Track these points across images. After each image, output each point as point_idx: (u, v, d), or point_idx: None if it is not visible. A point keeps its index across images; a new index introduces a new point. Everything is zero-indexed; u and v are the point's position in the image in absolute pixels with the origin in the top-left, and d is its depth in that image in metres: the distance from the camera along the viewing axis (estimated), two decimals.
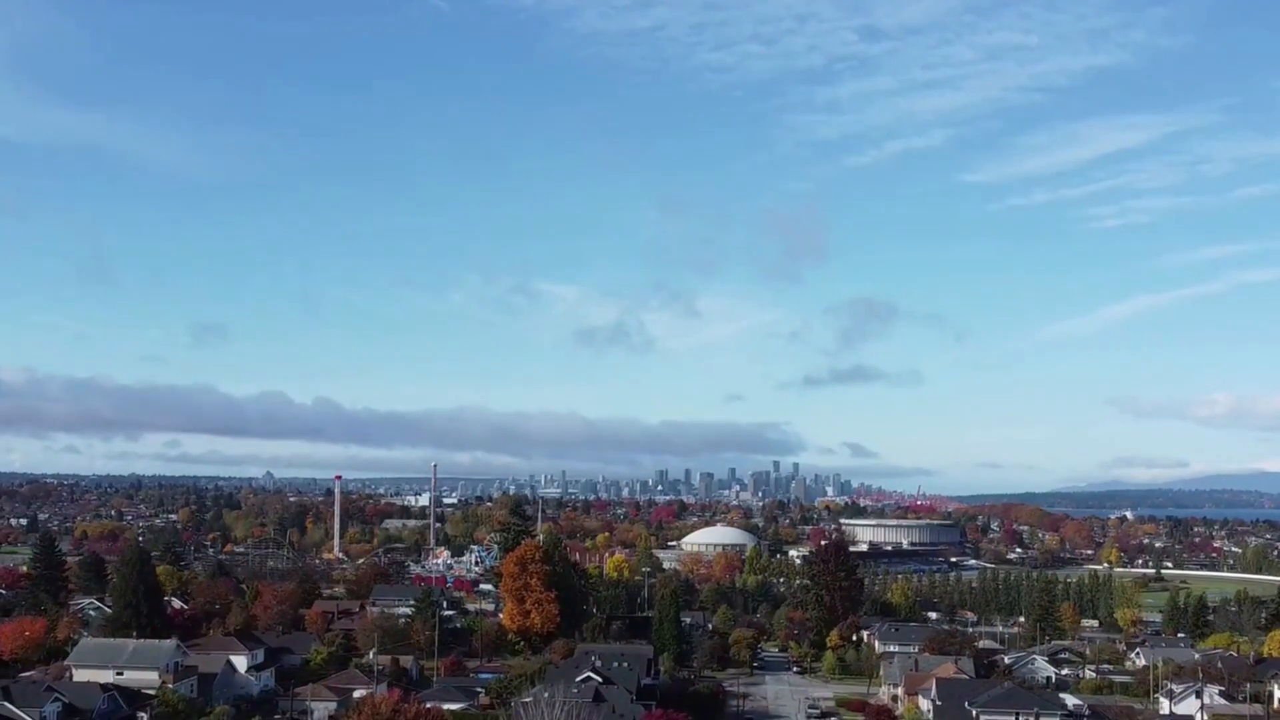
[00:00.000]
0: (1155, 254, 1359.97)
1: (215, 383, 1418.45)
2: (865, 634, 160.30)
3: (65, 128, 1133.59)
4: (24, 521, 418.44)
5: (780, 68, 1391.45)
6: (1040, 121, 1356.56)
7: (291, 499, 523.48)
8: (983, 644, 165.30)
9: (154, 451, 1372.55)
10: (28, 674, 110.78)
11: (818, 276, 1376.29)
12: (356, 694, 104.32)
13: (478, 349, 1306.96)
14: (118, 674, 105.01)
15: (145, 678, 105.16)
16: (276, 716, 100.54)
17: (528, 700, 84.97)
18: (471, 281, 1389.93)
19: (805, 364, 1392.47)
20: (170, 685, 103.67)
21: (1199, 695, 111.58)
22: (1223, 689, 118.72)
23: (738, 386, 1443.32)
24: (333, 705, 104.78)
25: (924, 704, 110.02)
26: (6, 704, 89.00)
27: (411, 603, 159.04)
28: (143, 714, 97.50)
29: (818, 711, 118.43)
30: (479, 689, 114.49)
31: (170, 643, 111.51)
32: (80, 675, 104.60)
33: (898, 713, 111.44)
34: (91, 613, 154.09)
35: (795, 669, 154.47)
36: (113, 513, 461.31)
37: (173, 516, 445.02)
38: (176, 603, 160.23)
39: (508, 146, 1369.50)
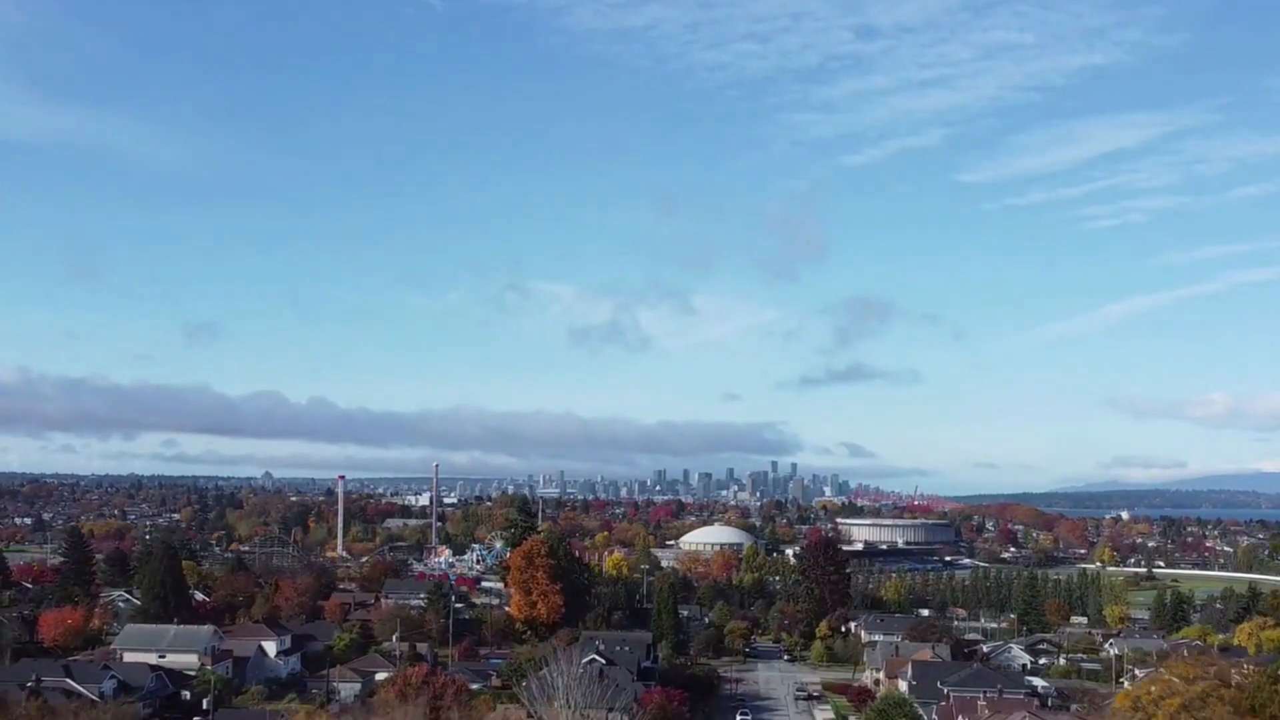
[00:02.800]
0: (1152, 254, 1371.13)
1: (209, 382, 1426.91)
2: (853, 625, 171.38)
3: (55, 125, 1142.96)
4: (28, 521, 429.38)
5: (775, 66, 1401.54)
6: (1036, 121, 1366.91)
7: (292, 499, 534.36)
8: (969, 636, 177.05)
9: (151, 451, 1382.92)
10: (74, 657, 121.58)
11: (814, 276, 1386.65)
12: (379, 676, 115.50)
13: (472, 348, 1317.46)
14: (160, 656, 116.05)
15: (185, 660, 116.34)
16: (315, 691, 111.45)
17: (539, 676, 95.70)
18: (465, 280, 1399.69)
19: (802, 363, 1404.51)
20: (209, 667, 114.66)
21: None
22: None
23: (734, 386, 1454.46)
24: (357, 685, 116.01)
25: (902, 685, 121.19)
26: (69, 680, 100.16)
27: (422, 596, 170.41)
28: (185, 691, 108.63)
29: (805, 694, 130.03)
30: (491, 672, 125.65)
31: (208, 628, 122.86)
32: (127, 657, 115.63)
33: (878, 693, 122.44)
34: (120, 604, 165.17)
35: (786, 657, 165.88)
36: (115, 512, 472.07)
37: (175, 516, 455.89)
38: (199, 595, 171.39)
39: (501, 144, 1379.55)
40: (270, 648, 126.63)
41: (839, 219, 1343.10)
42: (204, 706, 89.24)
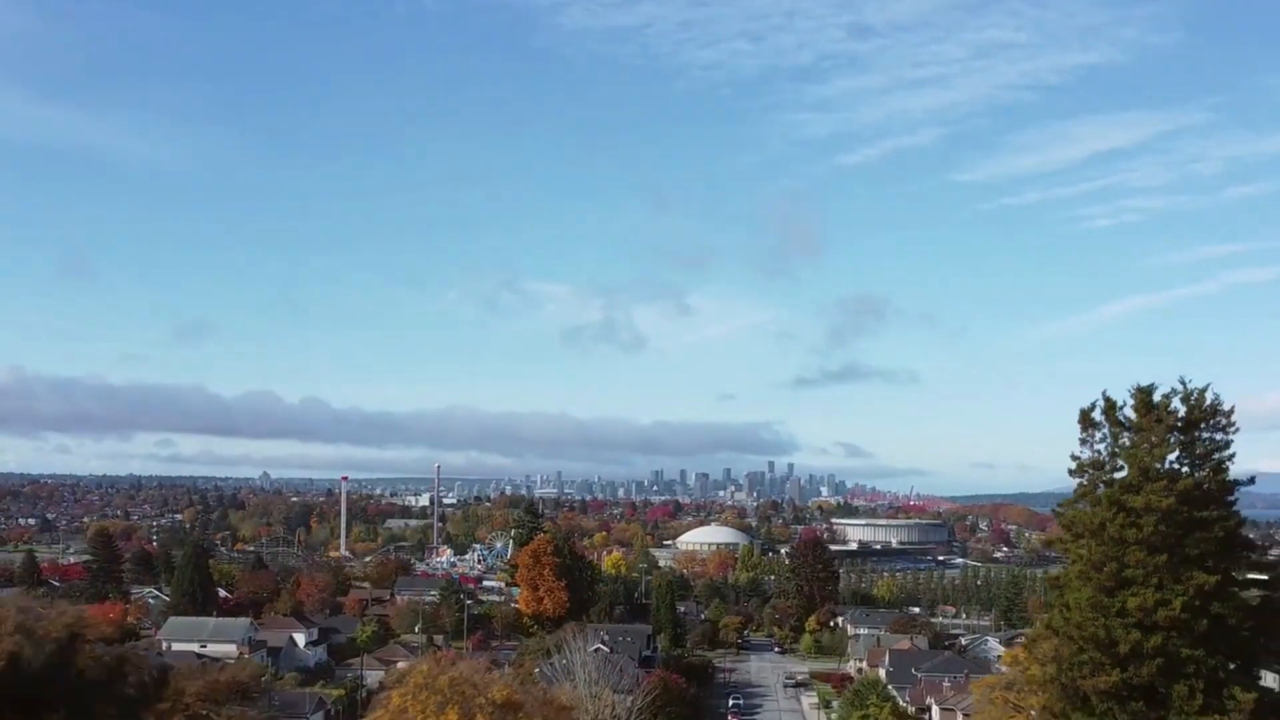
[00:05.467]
0: (1148, 254, 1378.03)
1: (202, 382, 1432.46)
2: (840, 619, 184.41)
3: (46, 123, 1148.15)
4: (32, 521, 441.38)
5: (769, 65, 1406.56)
6: (1031, 120, 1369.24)
7: (293, 499, 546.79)
8: (954, 632, 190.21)
9: (146, 451, 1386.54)
10: (127, 646, 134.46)
11: (810, 275, 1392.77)
12: (400, 665, 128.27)
13: (467, 348, 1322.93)
14: (202, 646, 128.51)
15: (225, 649, 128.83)
16: (349, 677, 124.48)
17: (551, 662, 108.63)
18: (459, 280, 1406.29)
19: (798, 363, 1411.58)
20: (246, 655, 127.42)
21: None
22: None
23: (730, 386, 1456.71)
24: (382, 673, 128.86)
25: (881, 672, 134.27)
26: None
27: (434, 593, 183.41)
28: None
29: (793, 681, 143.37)
30: (504, 661, 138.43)
31: (244, 620, 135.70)
32: (173, 648, 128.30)
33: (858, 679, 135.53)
34: (150, 600, 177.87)
35: (777, 649, 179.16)
36: (118, 512, 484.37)
37: (178, 516, 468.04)
38: (221, 592, 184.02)
39: (494, 143, 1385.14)
40: (300, 638, 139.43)
41: (835, 218, 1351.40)
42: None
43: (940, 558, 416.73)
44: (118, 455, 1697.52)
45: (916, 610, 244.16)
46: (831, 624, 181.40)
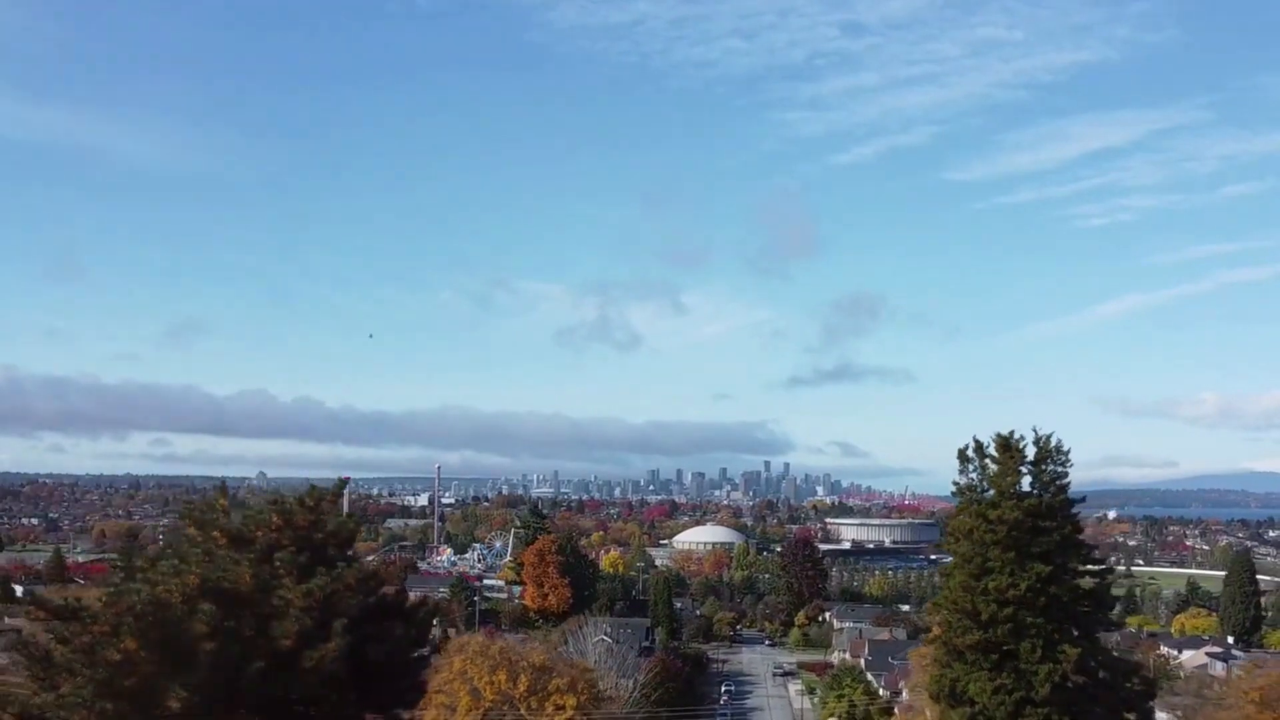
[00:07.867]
0: (1143, 253, 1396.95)
1: (195, 380, 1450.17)
2: (827, 614, 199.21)
3: (37, 122, 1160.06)
4: (35, 521, 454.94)
5: (762, 64, 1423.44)
6: (1025, 118, 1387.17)
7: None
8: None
9: (141, 451, 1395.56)
10: None
11: (805, 274, 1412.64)
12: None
13: (461, 347, 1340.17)
14: None
15: None
16: None
17: (560, 650, 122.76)
18: (452, 279, 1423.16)
19: (793, 362, 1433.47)
20: None
21: None
22: None
23: (726, 385, 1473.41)
24: None
25: (861, 661, 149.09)
26: None
27: (443, 590, 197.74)
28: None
29: (781, 671, 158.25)
30: None
31: None
32: None
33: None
34: None
35: (768, 642, 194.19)
36: (120, 513, 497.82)
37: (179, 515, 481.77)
38: None
39: (487, 141, 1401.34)
40: None
41: (829, 217, 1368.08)
42: None
43: (932, 556, 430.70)
44: (113, 454, 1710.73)
45: (906, 607, 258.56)
46: (819, 618, 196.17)
